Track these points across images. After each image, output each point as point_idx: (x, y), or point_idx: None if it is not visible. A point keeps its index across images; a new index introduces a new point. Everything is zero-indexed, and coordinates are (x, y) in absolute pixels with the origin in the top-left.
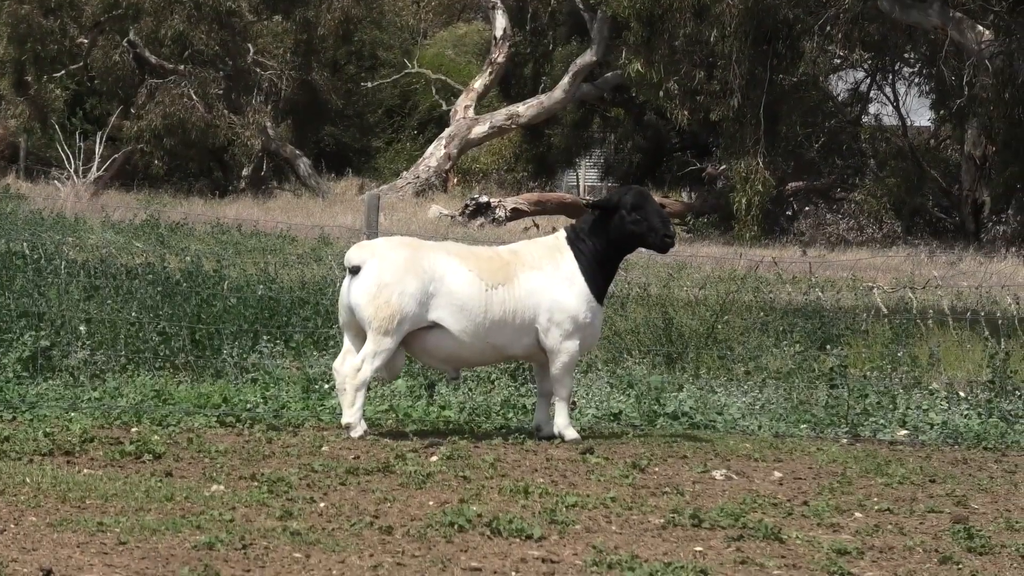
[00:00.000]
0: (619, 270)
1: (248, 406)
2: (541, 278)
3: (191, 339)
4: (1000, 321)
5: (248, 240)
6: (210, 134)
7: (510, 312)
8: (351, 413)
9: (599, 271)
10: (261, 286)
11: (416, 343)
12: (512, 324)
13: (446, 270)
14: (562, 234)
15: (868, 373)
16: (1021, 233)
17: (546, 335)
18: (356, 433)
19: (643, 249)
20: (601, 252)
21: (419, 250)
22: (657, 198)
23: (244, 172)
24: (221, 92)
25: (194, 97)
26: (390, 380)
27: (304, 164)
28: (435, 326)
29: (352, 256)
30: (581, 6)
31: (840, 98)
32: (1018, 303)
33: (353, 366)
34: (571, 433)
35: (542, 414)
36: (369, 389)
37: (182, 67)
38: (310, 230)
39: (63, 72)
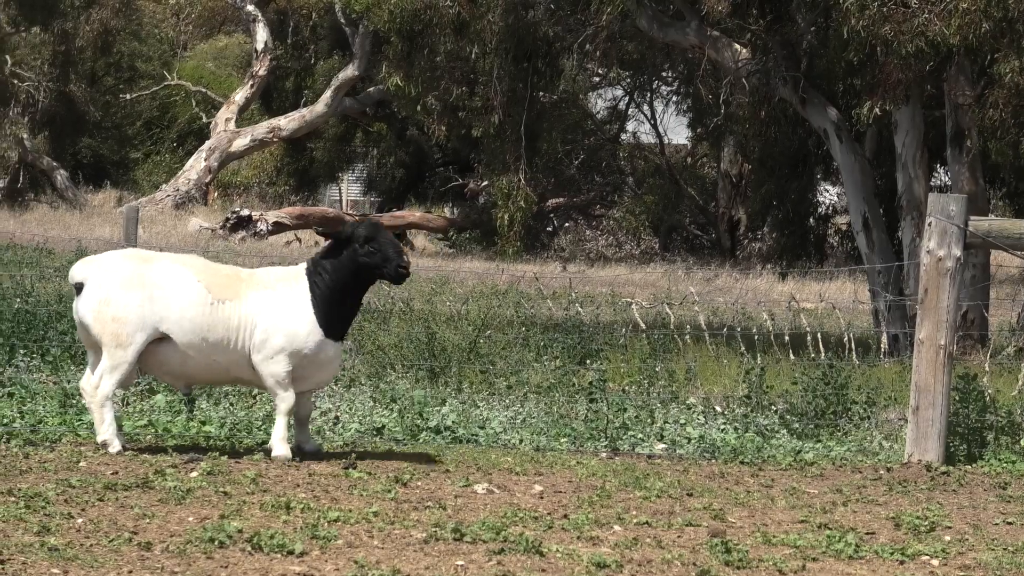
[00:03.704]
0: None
1: (4, 420)
2: (269, 298)
3: None
4: (756, 337)
5: (4, 253)
6: None
7: (234, 329)
8: (104, 430)
9: (333, 304)
10: (17, 299)
11: (147, 355)
12: (236, 343)
13: (174, 281)
14: (304, 265)
15: (627, 388)
16: (776, 250)
17: (255, 353)
18: (114, 449)
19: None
20: (337, 285)
21: (146, 262)
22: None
23: (0, 184)
24: None
25: None
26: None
27: (62, 176)
28: (166, 338)
29: (75, 272)
30: (343, 20)
31: (599, 116)
32: (773, 319)
33: (92, 384)
34: (281, 449)
35: (302, 435)
36: (128, 404)
37: None
38: (67, 243)
39: None
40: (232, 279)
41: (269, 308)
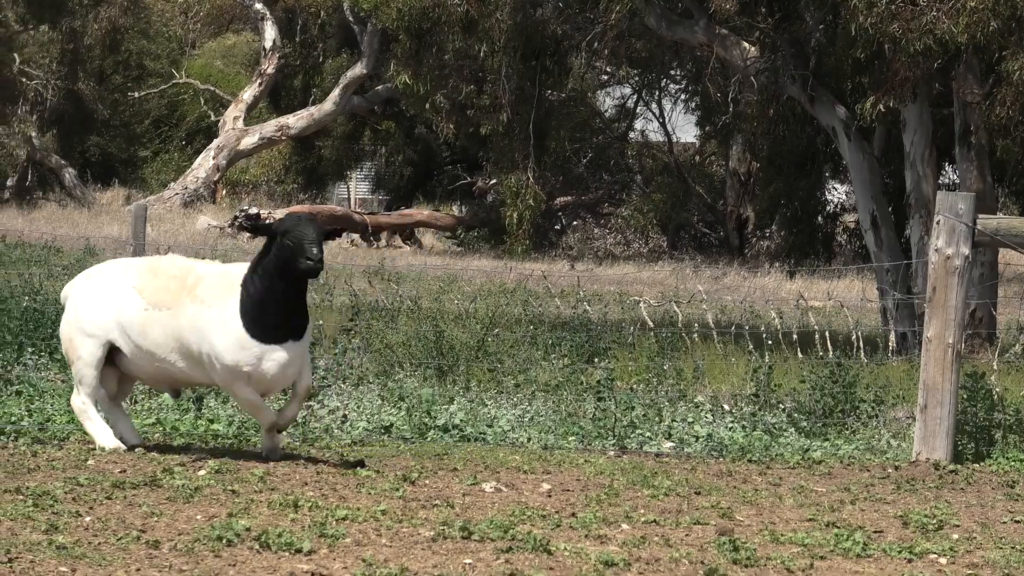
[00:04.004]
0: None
1: (12, 419)
2: (200, 315)
3: None
4: (764, 335)
5: (12, 251)
6: None
7: (172, 338)
8: (100, 438)
9: (268, 307)
10: (26, 298)
11: (120, 362)
12: (179, 351)
13: (114, 289)
14: (244, 267)
15: (635, 386)
16: (784, 248)
17: (212, 373)
18: (123, 446)
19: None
20: (267, 285)
21: (98, 272)
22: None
23: (9, 182)
24: None
25: None
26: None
27: (70, 174)
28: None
29: (63, 293)
30: (351, 19)
31: (608, 114)
32: (781, 317)
33: (73, 398)
34: (275, 457)
35: (268, 441)
36: (136, 403)
37: None
38: (76, 241)
39: None
40: (177, 286)
41: (200, 326)
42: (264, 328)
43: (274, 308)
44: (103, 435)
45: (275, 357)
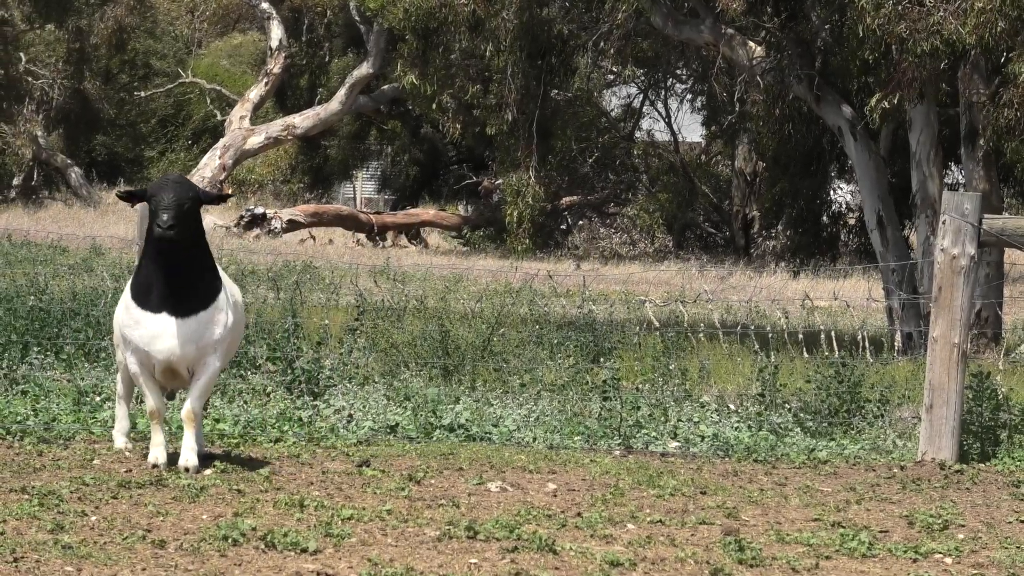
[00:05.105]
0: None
1: (18, 419)
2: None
3: None
4: (769, 335)
5: (18, 250)
6: None
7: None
8: (116, 428)
9: (148, 272)
10: (31, 297)
11: None
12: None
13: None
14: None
15: (640, 386)
16: (790, 248)
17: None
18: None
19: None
20: (145, 250)
21: None
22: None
23: (15, 181)
24: None
25: None
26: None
27: (76, 173)
28: None
29: None
30: (357, 18)
31: (613, 113)
32: (787, 317)
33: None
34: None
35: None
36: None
37: None
38: (82, 240)
39: None
40: None
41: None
42: (140, 291)
43: (146, 272)
44: (117, 431)
45: (147, 324)
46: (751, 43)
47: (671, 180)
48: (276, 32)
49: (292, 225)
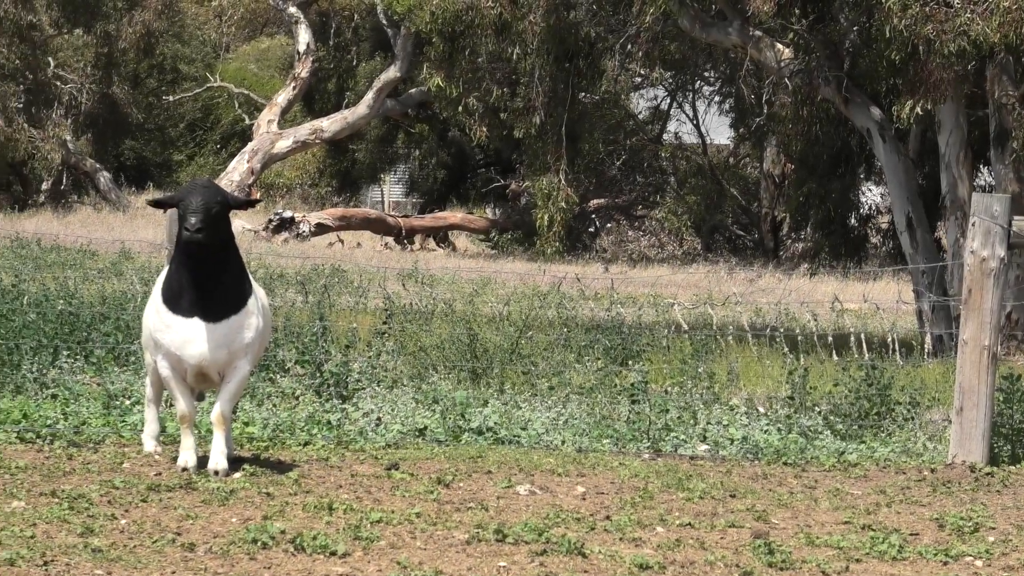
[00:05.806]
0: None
1: (48, 422)
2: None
3: None
4: (799, 337)
5: (48, 255)
6: (9, 148)
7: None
8: (145, 431)
9: (179, 276)
10: (61, 301)
11: None
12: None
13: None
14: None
15: (669, 388)
16: (818, 250)
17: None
18: (149, 447)
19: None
20: (175, 254)
21: None
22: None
23: (44, 186)
24: (21, 106)
25: None
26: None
27: (104, 178)
28: None
29: None
30: (385, 22)
31: (641, 116)
32: (816, 319)
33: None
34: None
35: (183, 438)
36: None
37: None
38: (111, 244)
39: None
40: None
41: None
42: (171, 296)
43: (177, 277)
44: (146, 434)
45: (178, 328)
46: (779, 45)
47: (699, 182)
48: (304, 36)
49: (320, 229)
